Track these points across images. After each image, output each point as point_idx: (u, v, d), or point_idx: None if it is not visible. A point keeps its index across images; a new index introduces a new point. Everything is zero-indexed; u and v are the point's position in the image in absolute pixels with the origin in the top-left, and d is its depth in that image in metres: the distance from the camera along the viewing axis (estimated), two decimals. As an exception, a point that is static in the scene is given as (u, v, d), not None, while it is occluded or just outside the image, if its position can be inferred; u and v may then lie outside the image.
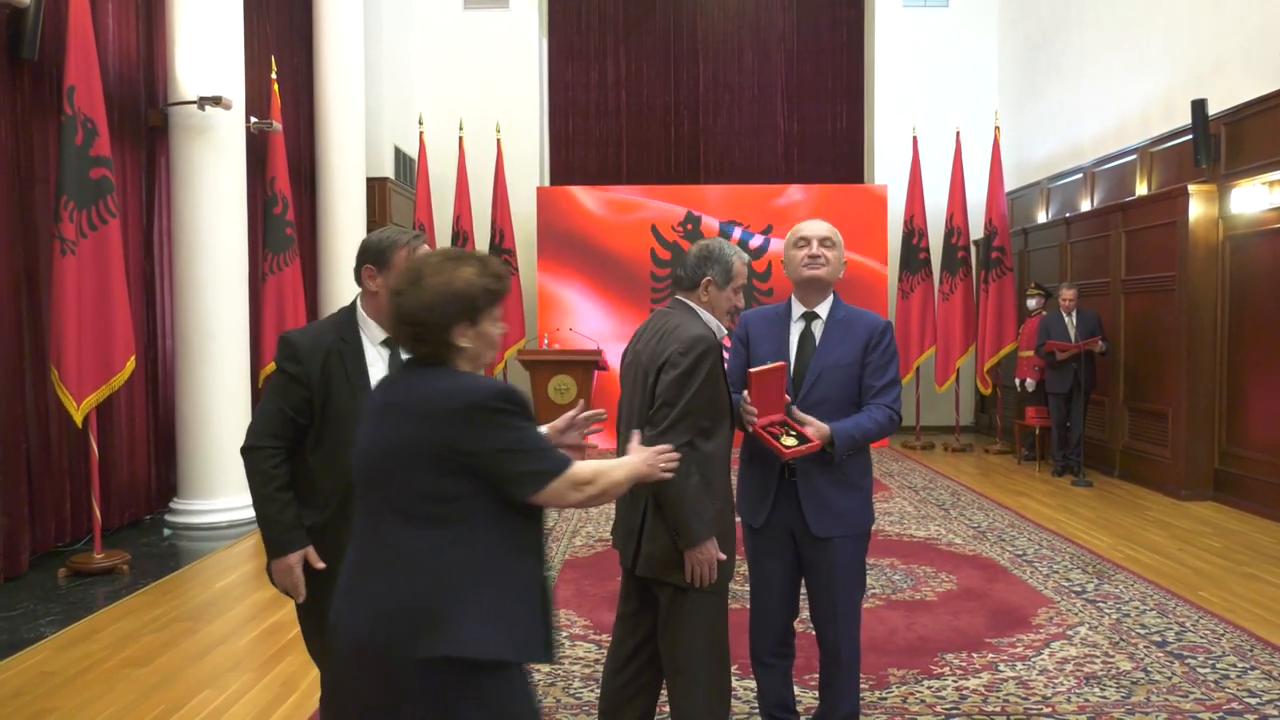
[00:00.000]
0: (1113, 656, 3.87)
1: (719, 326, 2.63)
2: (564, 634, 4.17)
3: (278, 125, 7.52)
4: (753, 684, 3.06)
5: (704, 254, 2.62)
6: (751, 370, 2.60)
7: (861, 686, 3.46)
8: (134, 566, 5.29)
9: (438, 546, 1.77)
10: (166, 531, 6.21)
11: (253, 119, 7.25)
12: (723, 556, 2.51)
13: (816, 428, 2.59)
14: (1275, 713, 3.32)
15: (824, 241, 2.76)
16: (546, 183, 11.79)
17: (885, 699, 3.45)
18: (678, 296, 2.67)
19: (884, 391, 2.70)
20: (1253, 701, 3.42)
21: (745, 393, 2.62)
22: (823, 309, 2.79)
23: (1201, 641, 4.05)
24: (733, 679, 3.56)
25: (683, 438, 2.44)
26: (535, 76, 11.67)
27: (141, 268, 6.46)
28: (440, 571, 1.77)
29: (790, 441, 2.58)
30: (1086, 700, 3.44)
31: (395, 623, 1.75)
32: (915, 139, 10.26)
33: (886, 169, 11.33)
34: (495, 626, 1.77)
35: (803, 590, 2.90)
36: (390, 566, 1.79)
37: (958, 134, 10.06)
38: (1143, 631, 4.18)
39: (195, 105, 6.18)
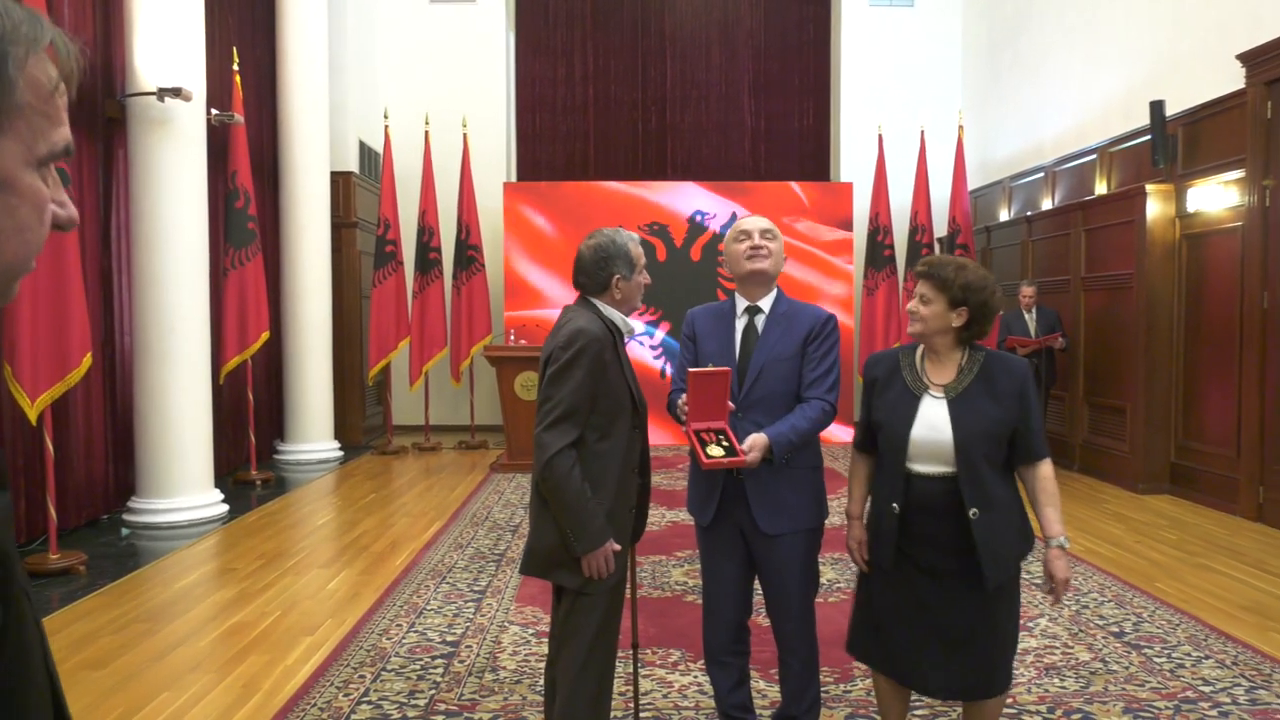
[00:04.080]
0: (1072, 647, 3.94)
1: (624, 321, 2.60)
2: (531, 631, 4.16)
3: (239, 118, 7.42)
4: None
5: (601, 254, 2.58)
6: (691, 370, 2.59)
7: (825, 680, 3.49)
8: (91, 567, 5.19)
9: (1015, 492, 2.53)
10: (124, 531, 6.10)
11: (214, 111, 7.14)
12: (617, 547, 2.48)
13: (752, 443, 2.57)
14: (1228, 700, 3.39)
15: (765, 233, 2.77)
16: (513, 178, 11.74)
17: (849, 692, 3.48)
18: (585, 297, 2.64)
19: (818, 383, 2.69)
20: (1207, 690, 3.49)
21: (683, 394, 2.63)
22: (765, 303, 2.80)
23: (1158, 632, 4.13)
24: (692, 675, 3.58)
25: (569, 435, 2.43)
26: (502, 71, 11.61)
27: (99, 262, 6.34)
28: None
29: (716, 451, 2.54)
30: (1046, 691, 3.50)
31: (1024, 547, 2.53)
32: (880, 137, 10.34)
33: (852, 166, 11.42)
34: None
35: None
36: (1009, 506, 2.48)
37: (922, 133, 10.15)
38: (1101, 622, 4.25)
39: (154, 96, 6.07)
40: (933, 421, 2.46)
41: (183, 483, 6.30)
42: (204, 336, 6.51)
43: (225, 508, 6.57)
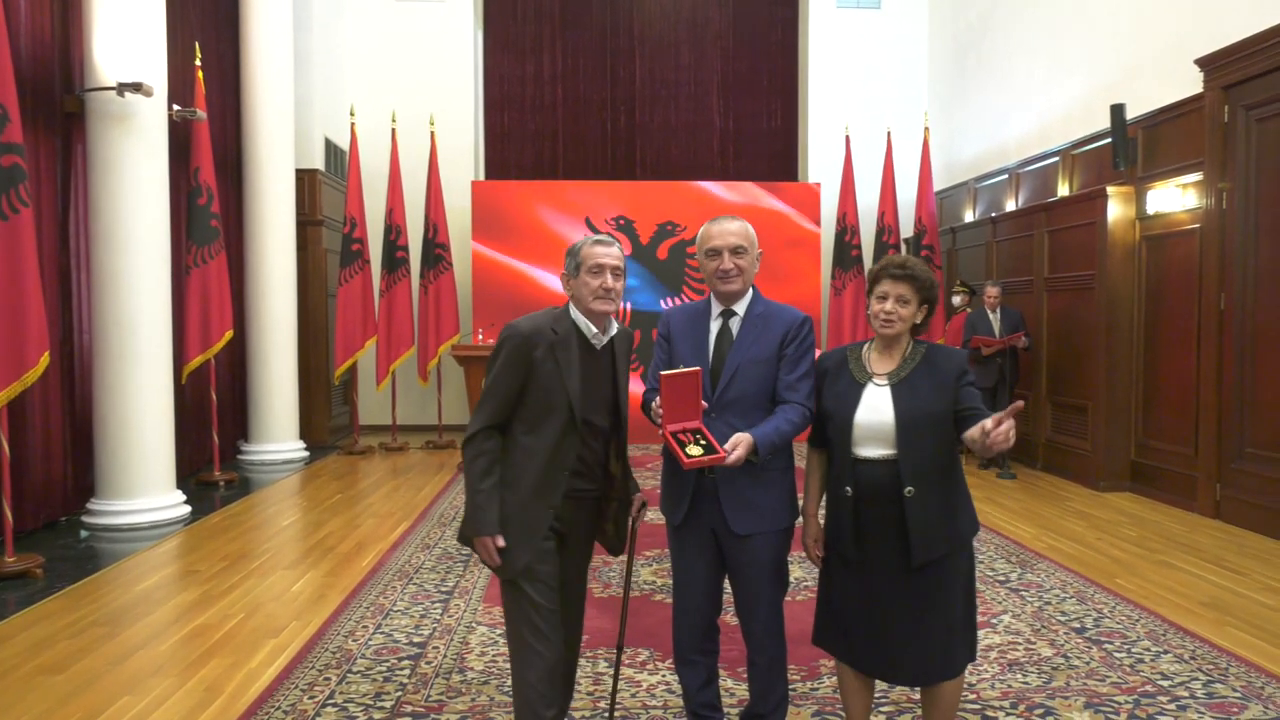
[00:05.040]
0: (1034, 643, 3.99)
1: (587, 325, 2.62)
2: (498, 631, 4.14)
3: (202, 114, 7.31)
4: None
5: (565, 256, 2.72)
6: (663, 373, 2.58)
7: (793, 677, 3.51)
8: (48, 570, 5.09)
9: (959, 477, 2.62)
10: (83, 533, 5.99)
11: (175, 107, 7.03)
12: (500, 543, 2.53)
13: (736, 441, 2.54)
14: (1186, 694, 3.45)
15: (735, 251, 2.74)
16: (481, 176, 11.68)
17: (817, 689, 3.50)
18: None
19: (796, 386, 2.70)
20: (1165, 684, 3.55)
21: (657, 397, 2.63)
22: (740, 306, 2.80)
23: (1118, 627, 4.19)
24: (651, 672, 3.59)
25: (481, 421, 2.56)
26: (470, 69, 11.54)
27: (56, 260, 6.22)
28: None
29: (695, 451, 2.55)
30: (1009, 686, 3.54)
31: (965, 529, 2.59)
32: (848, 138, 10.42)
33: (820, 167, 11.49)
34: None
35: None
36: (951, 489, 2.56)
37: (889, 134, 10.24)
38: (1063, 618, 4.31)
39: (114, 91, 5.97)
40: (875, 405, 2.58)
41: (143, 484, 6.20)
42: (165, 335, 6.41)
43: (187, 509, 6.47)
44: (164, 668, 3.75)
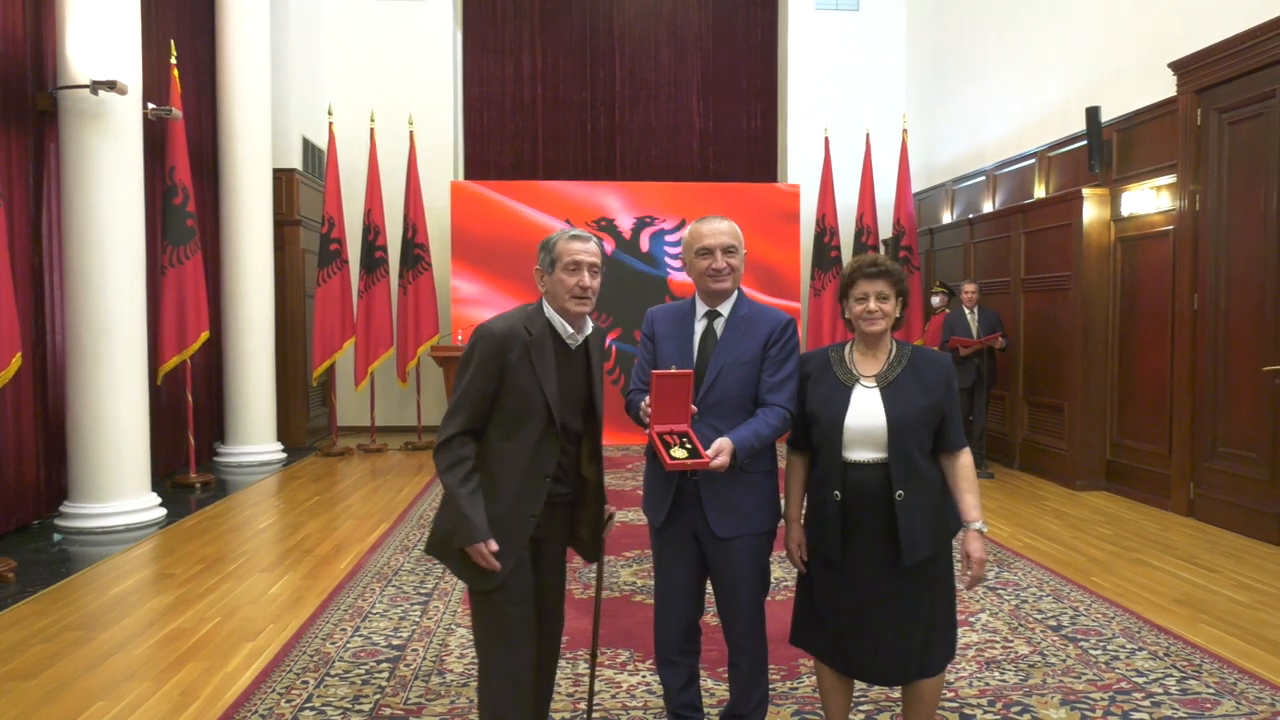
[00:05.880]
0: (1011, 641, 4.02)
1: (562, 325, 2.55)
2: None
3: (178, 112, 7.24)
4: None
5: (538, 249, 2.63)
6: (655, 371, 2.57)
7: (773, 677, 3.51)
8: (20, 574, 5.02)
9: (941, 478, 2.64)
10: (56, 536, 5.91)
11: (150, 105, 6.96)
12: (494, 546, 2.43)
13: (719, 447, 2.54)
14: (1160, 690, 3.49)
15: (727, 251, 2.74)
16: (461, 176, 11.64)
17: (796, 689, 3.51)
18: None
19: (778, 389, 2.70)
20: (1140, 680, 3.59)
21: (645, 395, 2.63)
22: (725, 307, 2.80)
23: (1094, 625, 4.24)
24: (633, 676, 3.59)
25: (454, 427, 2.46)
26: (449, 69, 11.49)
27: (29, 260, 6.14)
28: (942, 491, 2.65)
29: (679, 453, 2.53)
30: (987, 684, 3.57)
31: (949, 528, 2.62)
32: (827, 139, 10.46)
33: (799, 168, 11.53)
34: None
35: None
36: (935, 491, 2.59)
37: (867, 136, 10.29)
38: (1039, 616, 4.35)
39: (88, 89, 5.89)
40: (867, 409, 2.58)
41: (118, 486, 6.13)
42: (140, 336, 6.34)
43: (163, 511, 6.40)
44: (139, 672, 3.70)
